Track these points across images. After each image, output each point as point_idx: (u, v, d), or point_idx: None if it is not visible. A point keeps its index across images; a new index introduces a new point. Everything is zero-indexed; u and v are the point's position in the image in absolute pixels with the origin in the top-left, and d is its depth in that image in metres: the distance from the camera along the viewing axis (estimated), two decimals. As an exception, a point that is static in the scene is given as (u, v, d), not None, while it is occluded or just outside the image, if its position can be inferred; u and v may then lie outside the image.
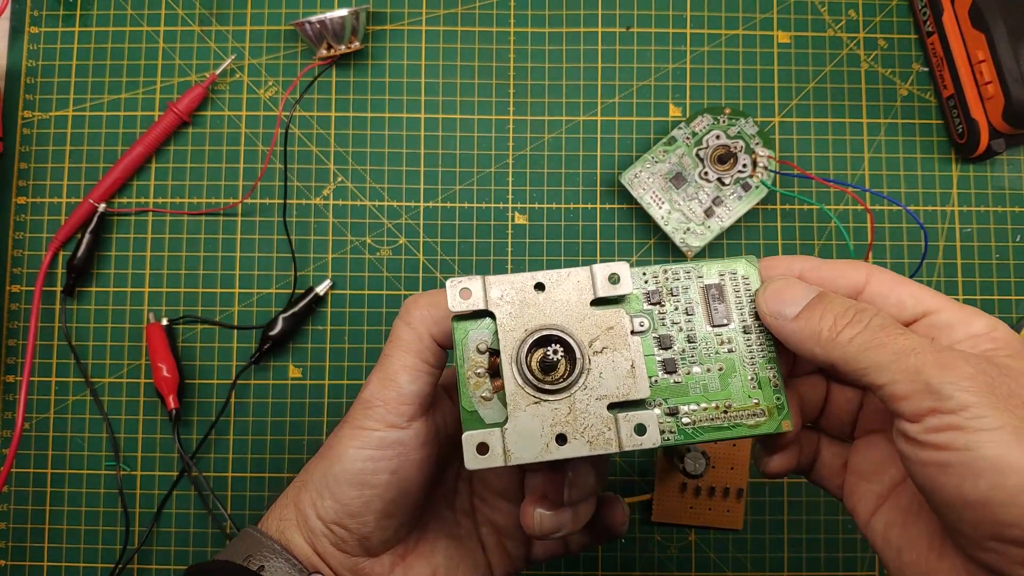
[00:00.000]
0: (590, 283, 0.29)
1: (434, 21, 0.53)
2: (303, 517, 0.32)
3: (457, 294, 0.29)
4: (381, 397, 0.31)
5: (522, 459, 0.27)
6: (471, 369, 0.29)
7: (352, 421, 0.32)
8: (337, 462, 0.31)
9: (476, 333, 0.29)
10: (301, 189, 0.51)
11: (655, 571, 0.50)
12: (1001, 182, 0.52)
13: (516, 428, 0.28)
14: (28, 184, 0.51)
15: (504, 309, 0.29)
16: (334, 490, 0.31)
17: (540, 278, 0.29)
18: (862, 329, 0.27)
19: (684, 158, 0.50)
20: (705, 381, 0.30)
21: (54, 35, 0.52)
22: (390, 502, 0.32)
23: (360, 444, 0.31)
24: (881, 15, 0.53)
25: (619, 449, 0.28)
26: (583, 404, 0.28)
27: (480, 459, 0.27)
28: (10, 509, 0.49)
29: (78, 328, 0.50)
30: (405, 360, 0.31)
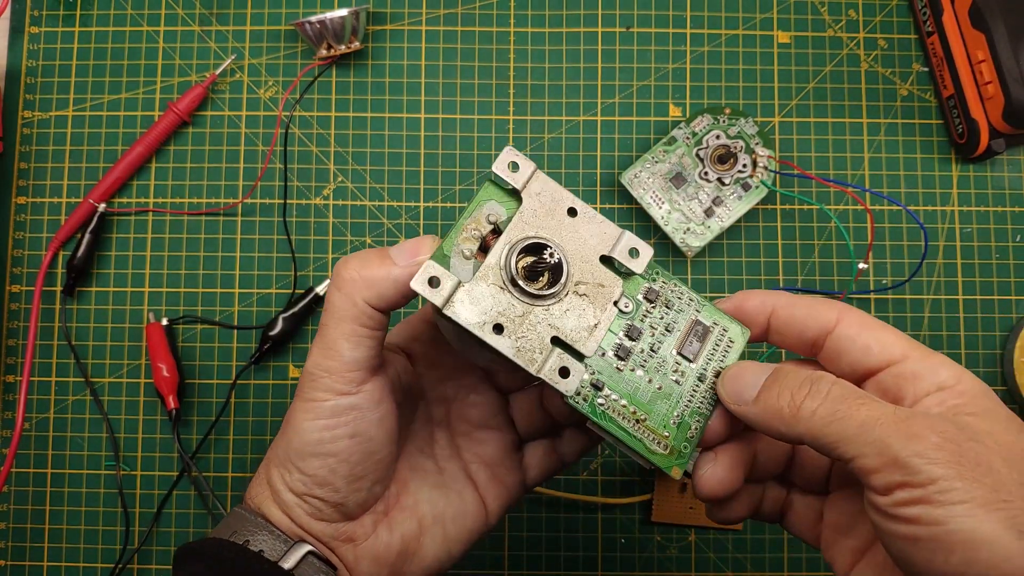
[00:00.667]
0: (612, 242, 0.30)
1: (434, 21, 0.53)
2: (275, 492, 0.32)
3: (507, 163, 0.29)
4: (324, 368, 0.31)
5: (457, 317, 0.28)
6: (469, 226, 0.29)
7: (301, 394, 0.31)
8: (295, 436, 0.31)
9: (497, 204, 0.30)
10: (301, 189, 0.51)
11: (655, 571, 0.50)
12: (1001, 182, 0.52)
13: (471, 292, 0.28)
14: (28, 184, 0.51)
15: (532, 203, 0.30)
16: (297, 463, 0.31)
17: (577, 205, 0.30)
18: (822, 400, 0.27)
19: (684, 158, 0.50)
20: (640, 386, 0.30)
21: (54, 35, 0.52)
22: (356, 464, 0.31)
23: (313, 416, 0.31)
24: (881, 15, 0.53)
25: (535, 372, 0.28)
26: (535, 320, 0.29)
27: (426, 287, 0.28)
28: (10, 509, 0.49)
29: (78, 328, 0.50)
30: (342, 328, 0.30)
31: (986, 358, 0.51)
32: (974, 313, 0.51)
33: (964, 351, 0.51)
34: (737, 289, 0.51)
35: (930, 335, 0.51)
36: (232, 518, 0.33)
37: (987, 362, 0.51)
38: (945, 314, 0.51)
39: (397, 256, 0.30)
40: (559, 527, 0.50)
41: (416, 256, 0.30)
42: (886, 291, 0.51)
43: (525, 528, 0.50)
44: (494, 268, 0.29)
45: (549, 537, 0.50)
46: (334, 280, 0.31)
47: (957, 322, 0.51)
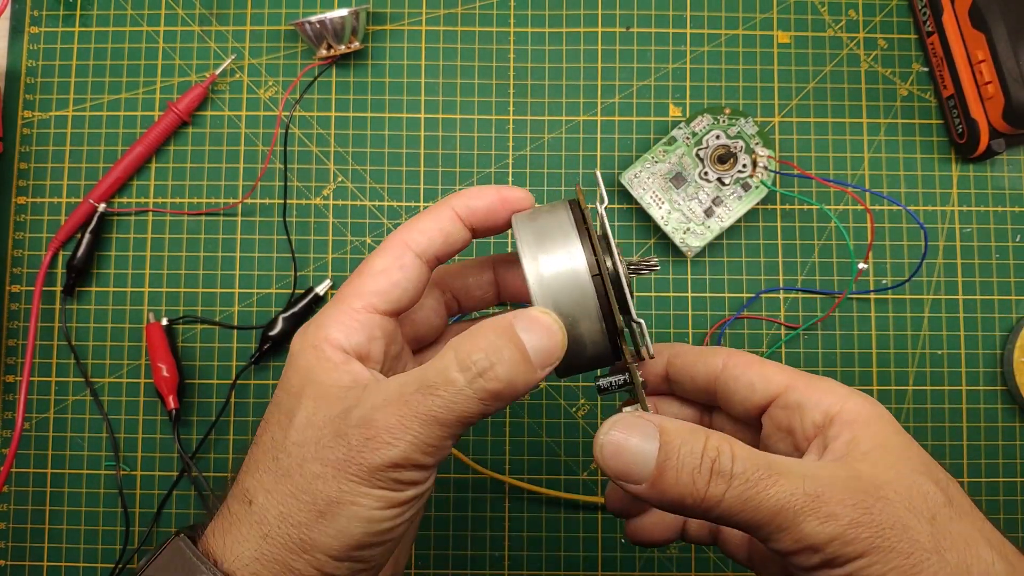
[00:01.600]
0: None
1: (434, 21, 0.53)
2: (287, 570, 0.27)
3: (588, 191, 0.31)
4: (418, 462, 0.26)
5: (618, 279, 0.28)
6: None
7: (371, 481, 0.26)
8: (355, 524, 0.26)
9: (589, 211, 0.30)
10: (301, 189, 0.51)
11: (655, 571, 0.50)
12: (1001, 182, 0.52)
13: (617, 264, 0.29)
14: (28, 184, 0.51)
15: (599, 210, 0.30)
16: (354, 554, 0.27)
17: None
18: (727, 485, 0.25)
19: (684, 158, 0.50)
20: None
21: (54, 35, 0.52)
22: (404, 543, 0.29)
23: (385, 505, 0.26)
24: (881, 15, 0.53)
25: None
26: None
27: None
28: (10, 509, 0.49)
29: (78, 328, 0.50)
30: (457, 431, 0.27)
31: (986, 358, 0.51)
32: (974, 313, 0.51)
33: (964, 351, 0.51)
34: (737, 290, 0.51)
35: (930, 335, 0.51)
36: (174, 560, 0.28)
37: (987, 362, 0.51)
38: (945, 314, 0.51)
39: (535, 355, 0.27)
40: (559, 527, 0.50)
41: (552, 357, 0.27)
42: (886, 291, 0.51)
43: (525, 528, 0.50)
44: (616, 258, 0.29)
45: (549, 537, 0.50)
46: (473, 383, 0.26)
47: (957, 322, 0.51)
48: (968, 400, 0.50)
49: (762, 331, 0.51)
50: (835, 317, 0.51)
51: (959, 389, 0.51)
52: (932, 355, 0.51)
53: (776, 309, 0.51)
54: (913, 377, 0.51)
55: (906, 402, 0.50)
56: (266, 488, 0.28)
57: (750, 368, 0.30)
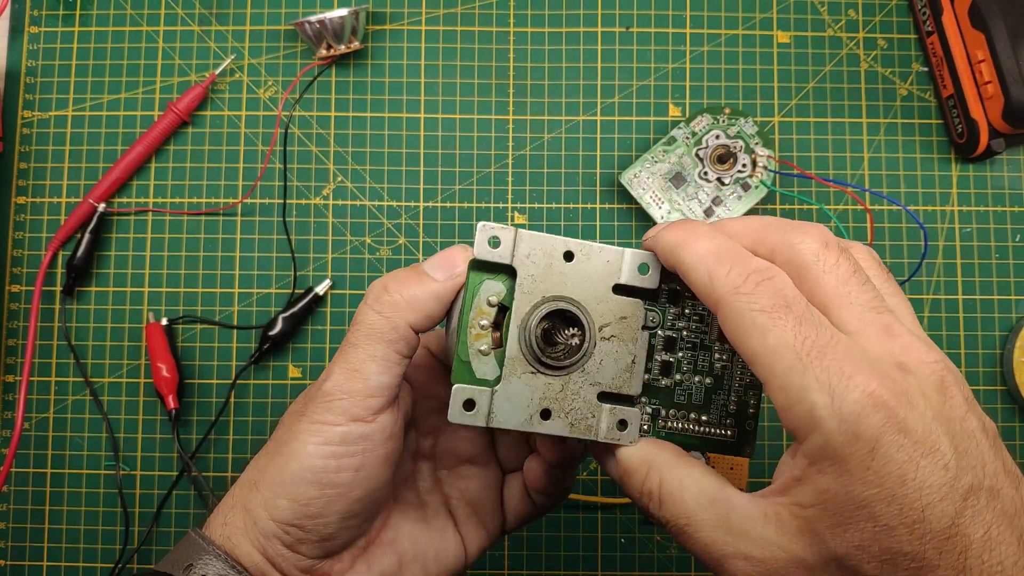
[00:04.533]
0: (619, 266, 0.29)
1: (434, 21, 0.53)
2: (252, 519, 0.30)
3: (486, 241, 0.28)
4: (346, 389, 0.29)
5: (504, 424, 0.27)
6: (476, 319, 0.28)
7: (311, 415, 0.29)
8: (294, 459, 0.29)
9: (491, 284, 0.29)
10: (301, 189, 0.51)
11: (655, 571, 0.50)
12: (1001, 182, 0.52)
13: (506, 393, 0.28)
14: (28, 184, 0.51)
15: (527, 269, 0.28)
16: (291, 490, 0.29)
17: (571, 247, 0.28)
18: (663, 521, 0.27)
19: (684, 158, 0.50)
20: (692, 390, 0.30)
21: (54, 35, 0.52)
22: (355, 501, 0.29)
23: (321, 440, 0.29)
24: (881, 15, 0.53)
25: (595, 438, 0.28)
26: (576, 386, 0.28)
27: (464, 415, 0.27)
28: (10, 509, 0.49)
29: (78, 328, 0.50)
30: (375, 350, 0.29)
31: (986, 358, 0.51)
32: (974, 313, 0.51)
33: (964, 351, 0.51)
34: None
35: (930, 335, 0.51)
36: (185, 546, 0.30)
37: (987, 362, 0.51)
38: (945, 314, 0.51)
39: (433, 271, 0.29)
40: (559, 527, 0.50)
41: (453, 268, 0.29)
42: (886, 291, 0.51)
43: (525, 528, 0.50)
44: (518, 358, 0.28)
45: (549, 537, 0.50)
46: (371, 301, 0.29)
47: (957, 322, 0.51)
48: (968, 400, 0.50)
49: (762, 331, 0.51)
50: (835, 317, 0.51)
51: (959, 389, 0.51)
52: (932, 355, 0.51)
53: (776, 309, 0.51)
54: (913, 377, 0.51)
55: (906, 402, 0.50)
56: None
57: (736, 337, 0.25)
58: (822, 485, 0.23)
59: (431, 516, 0.34)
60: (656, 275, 0.29)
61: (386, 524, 0.33)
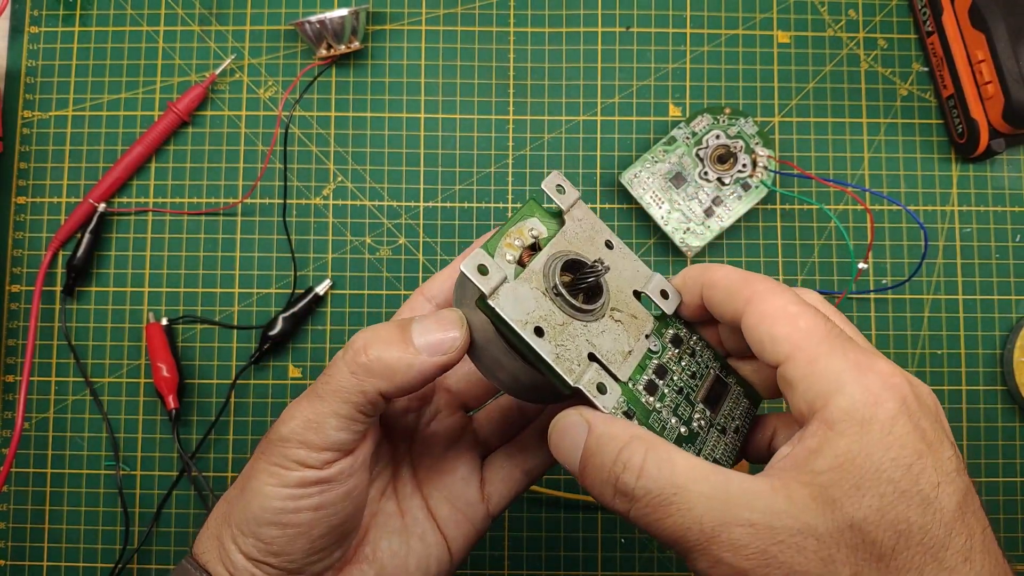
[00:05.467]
0: (645, 280, 0.31)
1: (434, 21, 0.53)
2: (225, 552, 0.30)
3: (553, 185, 0.30)
4: (303, 439, 0.28)
5: (501, 310, 0.27)
6: (511, 236, 0.29)
7: (267, 456, 0.29)
8: (255, 499, 0.29)
9: (539, 222, 0.30)
10: (301, 189, 0.51)
11: (655, 571, 0.50)
12: (1001, 182, 0.52)
13: (515, 290, 0.28)
14: (28, 184, 0.51)
15: (574, 227, 0.30)
16: (255, 529, 0.29)
17: (614, 240, 0.31)
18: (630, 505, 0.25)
19: (684, 158, 0.50)
20: (667, 425, 0.29)
21: (54, 35, 0.52)
22: (317, 538, 0.29)
23: (277, 482, 0.28)
24: (881, 15, 0.53)
25: (573, 383, 0.27)
26: (575, 332, 0.28)
27: (475, 274, 0.27)
28: (10, 509, 0.49)
29: (78, 328, 0.50)
30: (338, 408, 0.28)
31: (986, 358, 0.51)
32: (974, 313, 0.51)
33: (964, 351, 0.51)
34: (737, 289, 0.51)
35: (930, 335, 0.51)
36: (178, 574, 0.31)
37: (987, 362, 0.51)
38: (945, 314, 0.51)
39: (420, 338, 0.28)
40: (559, 527, 0.50)
41: (442, 344, 0.28)
42: (886, 291, 0.51)
43: (525, 528, 0.50)
44: (538, 274, 0.28)
45: (549, 537, 0.50)
46: (347, 360, 0.28)
47: (957, 322, 0.51)
48: (968, 400, 0.50)
49: (762, 331, 0.51)
50: (835, 317, 0.51)
51: (959, 389, 0.51)
52: (932, 355, 0.51)
53: (776, 309, 0.51)
54: (913, 377, 0.51)
55: (906, 402, 0.50)
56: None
57: (762, 325, 0.27)
58: (842, 447, 0.23)
59: (411, 524, 0.34)
60: (674, 305, 0.31)
61: (364, 540, 0.33)
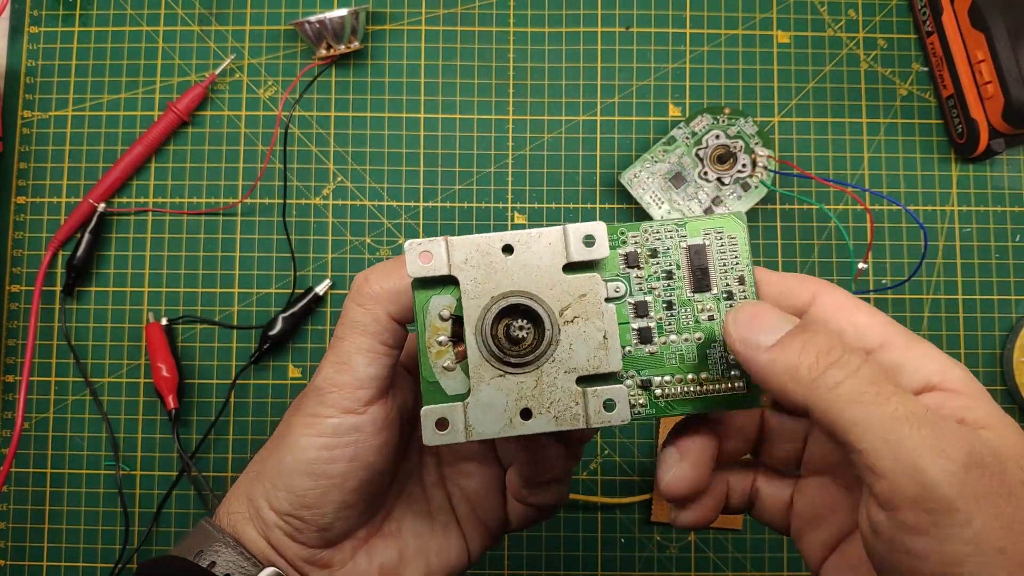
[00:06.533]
0: (563, 245, 0.27)
1: (434, 21, 0.53)
2: (256, 509, 0.31)
3: (417, 258, 0.27)
4: (335, 382, 0.29)
5: (484, 434, 0.26)
6: (433, 337, 0.27)
7: (304, 408, 0.30)
8: (289, 452, 0.30)
9: (438, 299, 0.27)
10: (301, 189, 0.51)
11: (655, 571, 0.50)
12: (1001, 182, 0.52)
13: (478, 402, 0.26)
14: (28, 184, 0.51)
15: (468, 274, 0.27)
16: (288, 481, 0.30)
17: (508, 239, 0.27)
18: (849, 375, 0.23)
19: (684, 158, 0.50)
20: (682, 351, 0.28)
21: (54, 35, 0.52)
22: (349, 491, 0.30)
23: (314, 432, 0.29)
24: (881, 15, 0.53)
25: (586, 426, 0.26)
26: (550, 378, 0.27)
27: (439, 435, 0.26)
28: (10, 509, 0.49)
29: (78, 328, 0.50)
30: (360, 342, 0.29)
31: (986, 358, 0.51)
32: (974, 313, 0.51)
33: (964, 351, 0.51)
34: (737, 289, 0.51)
35: (930, 335, 0.51)
36: (197, 534, 0.31)
37: (987, 362, 0.51)
38: (945, 314, 0.51)
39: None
40: (559, 527, 0.50)
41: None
42: (886, 291, 0.51)
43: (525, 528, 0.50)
44: (482, 364, 0.27)
45: (549, 537, 0.50)
46: (353, 295, 0.29)
47: (957, 322, 0.51)
48: (968, 400, 0.50)
49: (762, 331, 0.51)
50: (835, 317, 0.51)
51: (959, 389, 0.51)
52: (932, 355, 0.51)
53: (776, 309, 0.51)
54: (913, 377, 0.51)
55: (906, 402, 0.50)
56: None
57: (842, 313, 0.27)
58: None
59: (435, 511, 0.34)
60: (604, 243, 0.27)
61: (389, 516, 0.33)
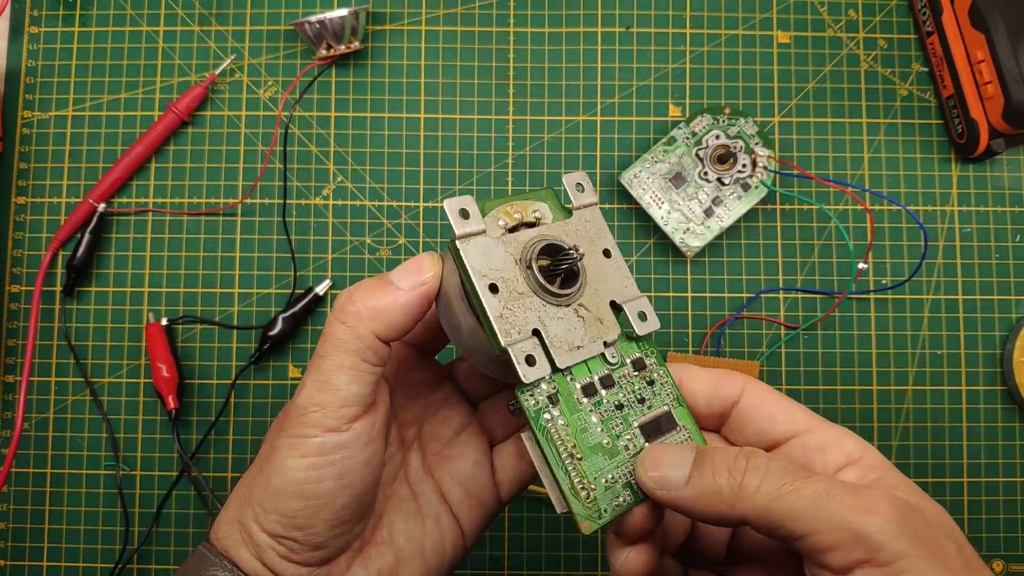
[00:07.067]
0: (629, 297, 0.31)
1: (434, 21, 0.53)
2: (248, 533, 0.30)
3: (575, 183, 0.31)
4: (317, 401, 0.29)
5: (465, 254, 0.28)
6: (514, 208, 0.30)
7: (288, 429, 0.30)
8: (276, 475, 0.29)
9: (548, 209, 0.31)
10: (301, 189, 0.51)
11: (655, 571, 0.50)
12: (1001, 182, 0.52)
13: (488, 246, 0.29)
14: (28, 184, 0.51)
15: (578, 222, 0.31)
16: (277, 504, 0.29)
17: (613, 250, 0.32)
18: (763, 476, 0.26)
19: (684, 158, 0.50)
20: (590, 430, 0.29)
21: (54, 35, 0.52)
22: (340, 508, 0.30)
23: (298, 453, 0.29)
24: (881, 15, 0.53)
25: (503, 343, 0.28)
26: (529, 306, 0.29)
27: (455, 216, 0.28)
28: (10, 509, 0.49)
29: (78, 328, 0.50)
30: (342, 360, 0.29)
31: (986, 358, 0.51)
32: (974, 313, 0.51)
33: (964, 351, 0.51)
34: (737, 290, 0.51)
35: (930, 335, 0.51)
36: (195, 559, 0.31)
37: (987, 362, 0.51)
38: (945, 314, 0.51)
39: (400, 280, 0.29)
40: (559, 527, 0.50)
41: (420, 276, 0.29)
42: (886, 291, 0.51)
43: (525, 528, 0.50)
44: (518, 243, 0.29)
45: (549, 537, 0.50)
46: (337, 313, 0.29)
47: (957, 322, 0.51)
48: (968, 400, 0.50)
49: (762, 331, 0.51)
50: (835, 317, 0.51)
51: (959, 389, 0.51)
52: (932, 355, 0.51)
53: (776, 309, 0.51)
54: (913, 377, 0.51)
55: (906, 402, 0.50)
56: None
57: (771, 402, 0.30)
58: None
59: (425, 507, 0.34)
60: (648, 329, 0.31)
61: (380, 523, 0.33)
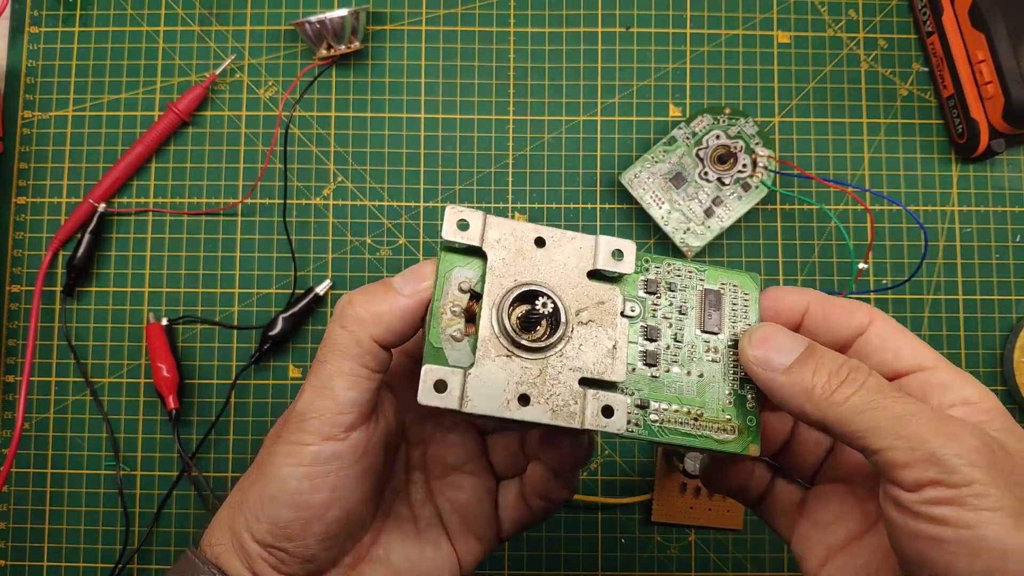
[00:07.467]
0: (592, 253, 0.28)
1: (434, 21, 0.53)
2: (239, 541, 0.30)
3: (454, 223, 0.27)
4: (315, 407, 0.29)
5: (478, 409, 0.26)
6: (448, 305, 0.27)
7: (286, 436, 0.29)
8: (271, 483, 0.29)
9: (462, 270, 0.28)
10: (301, 189, 0.51)
11: (655, 571, 0.50)
12: (1001, 182, 0.52)
13: (480, 376, 0.26)
14: (28, 184, 0.51)
15: (497, 253, 0.28)
16: (269, 513, 0.29)
17: (543, 233, 0.28)
18: (857, 389, 0.26)
19: (684, 158, 0.50)
20: (682, 384, 0.29)
21: (54, 35, 0.52)
22: (331, 521, 0.29)
23: (294, 462, 0.29)
24: (881, 15, 0.53)
25: (580, 426, 0.26)
26: (555, 371, 0.27)
27: (435, 396, 0.26)
28: (10, 509, 0.49)
29: (78, 328, 0.50)
30: (341, 366, 0.29)
31: (986, 358, 0.51)
32: (974, 313, 0.51)
33: (964, 351, 0.51)
34: (737, 289, 0.51)
35: (930, 335, 0.51)
36: (182, 565, 0.31)
37: (987, 362, 0.51)
38: (945, 314, 0.51)
39: (401, 286, 0.29)
40: (559, 527, 0.50)
41: (420, 283, 0.29)
42: (886, 291, 0.51)
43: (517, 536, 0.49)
44: (491, 339, 0.27)
45: (549, 537, 0.50)
46: (337, 318, 0.29)
47: (957, 322, 0.51)
48: (968, 400, 0.50)
49: (762, 331, 0.51)
50: (835, 317, 0.51)
51: (959, 389, 0.51)
52: (932, 355, 0.51)
53: (776, 309, 0.51)
54: (913, 377, 0.51)
55: (906, 402, 0.50)
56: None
57: (900, 335, 0.29)
58: None
59: (424, 530, 0.34)
60: (631, 260, 0.28)
61: (377, 540, 0.33)
